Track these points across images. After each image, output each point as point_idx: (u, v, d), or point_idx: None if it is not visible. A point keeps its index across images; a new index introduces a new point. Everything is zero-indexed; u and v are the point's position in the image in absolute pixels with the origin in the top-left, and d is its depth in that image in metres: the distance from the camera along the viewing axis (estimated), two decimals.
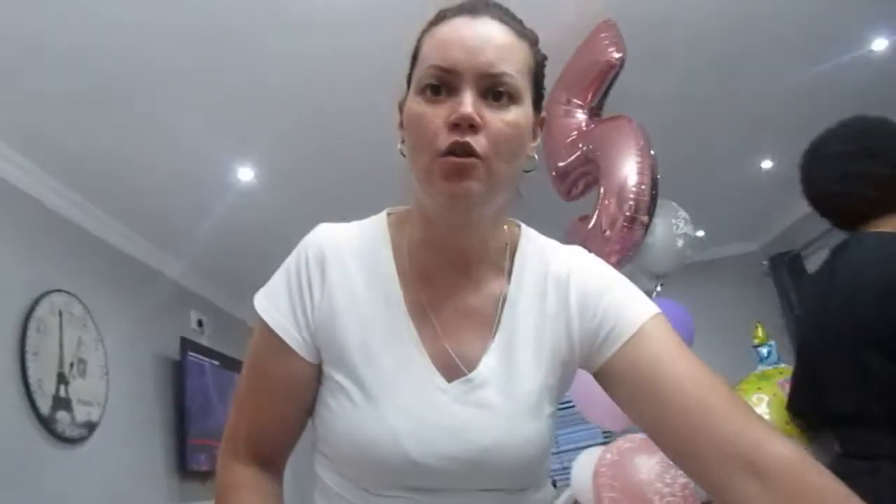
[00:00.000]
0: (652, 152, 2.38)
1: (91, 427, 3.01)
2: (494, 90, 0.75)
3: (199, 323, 4.37)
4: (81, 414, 2.94)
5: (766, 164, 4.33)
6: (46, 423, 2.70)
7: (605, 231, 2.31)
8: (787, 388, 1.74)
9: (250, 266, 4.13)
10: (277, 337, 0.83)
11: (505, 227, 0.90)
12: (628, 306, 0.83)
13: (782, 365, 2.16)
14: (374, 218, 0.91)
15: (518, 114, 0.77)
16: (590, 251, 0.93)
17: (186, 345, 3.94)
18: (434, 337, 0.83)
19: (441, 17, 0.81)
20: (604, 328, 0.82)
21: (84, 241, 3.29)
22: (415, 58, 0.82)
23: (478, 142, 0.74)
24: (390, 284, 0.85)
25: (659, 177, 2.37)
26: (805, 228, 5.16)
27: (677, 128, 3.64)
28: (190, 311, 4.32)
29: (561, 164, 2.66)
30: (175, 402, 3.83)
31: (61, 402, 2.82)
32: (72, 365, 2.95)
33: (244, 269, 4.19)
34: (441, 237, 0.84)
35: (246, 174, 3.26)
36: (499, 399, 0.81)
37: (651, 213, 2.33)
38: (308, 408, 0.87)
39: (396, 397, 0.79)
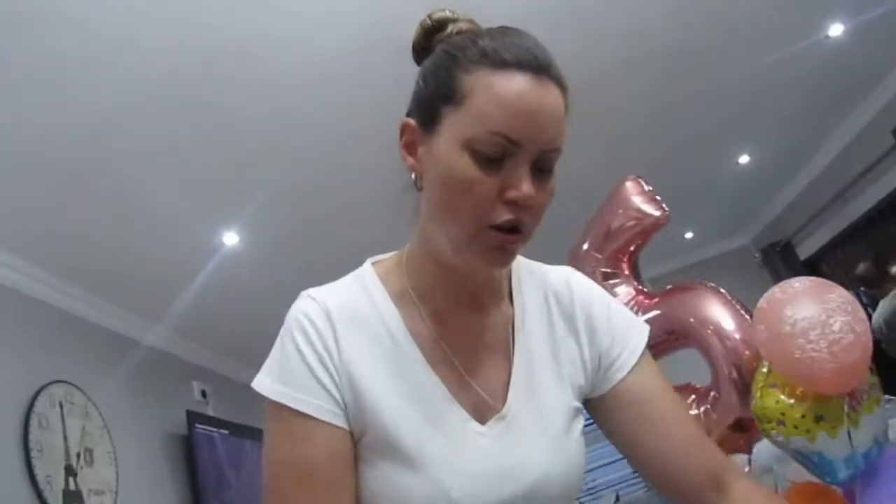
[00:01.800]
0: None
1: None
2: (545, 164, 0.73)
3: (203, 394, 4.31)
4: None
5: (744, 159, 4.38)
6: None
7: None
8: None
9: (246, 330, 4.11)
10: (312, 419, 0.74)
11: None
12: (631, 331, 0.88)
13: None
14: (359, 272, 0.86)
15: (554, 179, 0.75)
16: None
17: (193, 417, 3.87)
18: (459, 379, 0.80)
19: (499, 61, 0.71)
20: (613, 352, 0.86)
21: (74, 325, 3.26)
22: (453, 91, 0.73)
23: (524, 218, 0.73)
24: (400, 337, 0.80)
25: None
26: (792, 216, 5.21)
27: (650, 133, 3.69)
28: (192, 383, 4.26)
29: None
30: (188, 477, 3.75)
31: (72, 496, 2.76)
32: (79, 455, 2.89)
33: (241, 334, 4.17)
34: (459, 282, 0.83)
35: (231, 238, 3.25)
36: (535, 428, 0.80)
37: None
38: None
39: (437, 454, 0.75)
